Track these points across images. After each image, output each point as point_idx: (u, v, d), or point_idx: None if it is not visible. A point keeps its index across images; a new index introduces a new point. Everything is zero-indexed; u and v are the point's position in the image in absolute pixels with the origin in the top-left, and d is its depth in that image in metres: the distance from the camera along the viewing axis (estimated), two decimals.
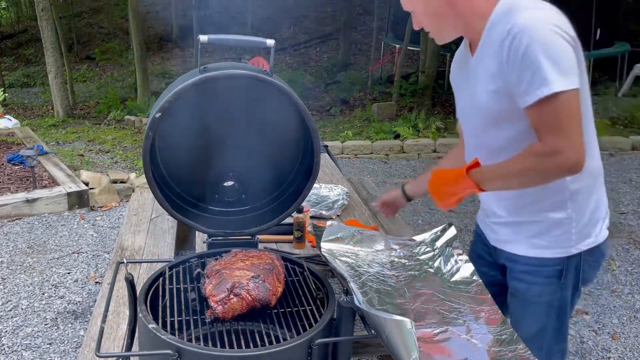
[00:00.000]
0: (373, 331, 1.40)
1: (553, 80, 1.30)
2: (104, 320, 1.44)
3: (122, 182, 5.25)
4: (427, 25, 1.57)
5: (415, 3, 1.55)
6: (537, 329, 1.64)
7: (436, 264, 1.80)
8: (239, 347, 1.38)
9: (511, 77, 1.37)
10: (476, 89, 1.52)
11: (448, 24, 1.54)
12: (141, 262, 2.38)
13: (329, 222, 1.91)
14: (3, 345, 2.94)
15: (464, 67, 1.62)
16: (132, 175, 5.40)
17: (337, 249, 1.81)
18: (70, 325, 3.13)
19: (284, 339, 1.41)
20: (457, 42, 1.66)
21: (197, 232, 2.36)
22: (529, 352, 1.38)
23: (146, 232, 2.85)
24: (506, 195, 1.61)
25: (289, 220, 2.00)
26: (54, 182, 4.90)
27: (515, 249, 1.65)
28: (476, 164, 1.51)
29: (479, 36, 1.49)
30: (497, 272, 1.77)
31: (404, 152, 6.68)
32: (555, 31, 1.32)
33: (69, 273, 3.69)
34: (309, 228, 2.30)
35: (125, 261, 1.54)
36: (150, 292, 1.51)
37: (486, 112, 1.51)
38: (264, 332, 1.45)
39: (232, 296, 1.43)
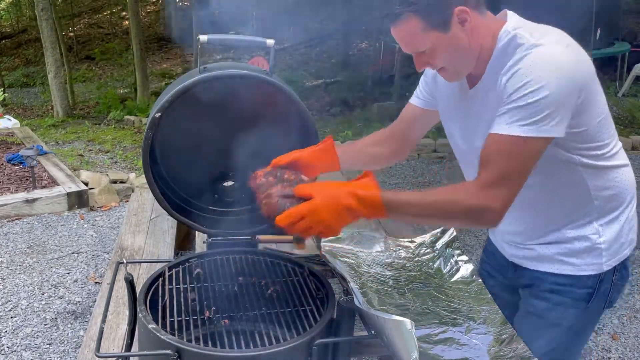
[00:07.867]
0: (373, 331, 1.40)
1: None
2: (103, 321, 1.44)
3: (121, 182, 5.24)
4: (447, 61, 1.40)
5: (436, 39, 1.35)
6: (548, 349, 1.52)
7: (436, 265, 1.80)
8: (239, 347, 1.38)
9: None
10: (480, 126, 1.38)
11: (467, 57, 1.39)
12: (141, 263, 2.38)
13: None
14: (3, 345, 2.94)
15: (458, 99, 1.50)
16: (132, 175, 5.40)
17: (337, 249, 1.81)
18: (70, 325, 3.13)
19: (284, 339, 1.40)
20: None
21: (197, 232, 2.36)
22: (529, 351, 1.38)
23: (146, 232, 2.85)
24: (523, 218, 1.50)
25: None
26: (53, 182, 4.89)
27: (542, 266, 1.51)
28: (368, 174, 1.34)
29: (483, 70, 1.39)
30: (509, 294, 1.65)
31: None
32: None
33: (68, 273, 3.69)
34: None
35: (125, 261, 1.54)
36: (150, 293, 1.51)
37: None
38: (264, 332, 1.45)
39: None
